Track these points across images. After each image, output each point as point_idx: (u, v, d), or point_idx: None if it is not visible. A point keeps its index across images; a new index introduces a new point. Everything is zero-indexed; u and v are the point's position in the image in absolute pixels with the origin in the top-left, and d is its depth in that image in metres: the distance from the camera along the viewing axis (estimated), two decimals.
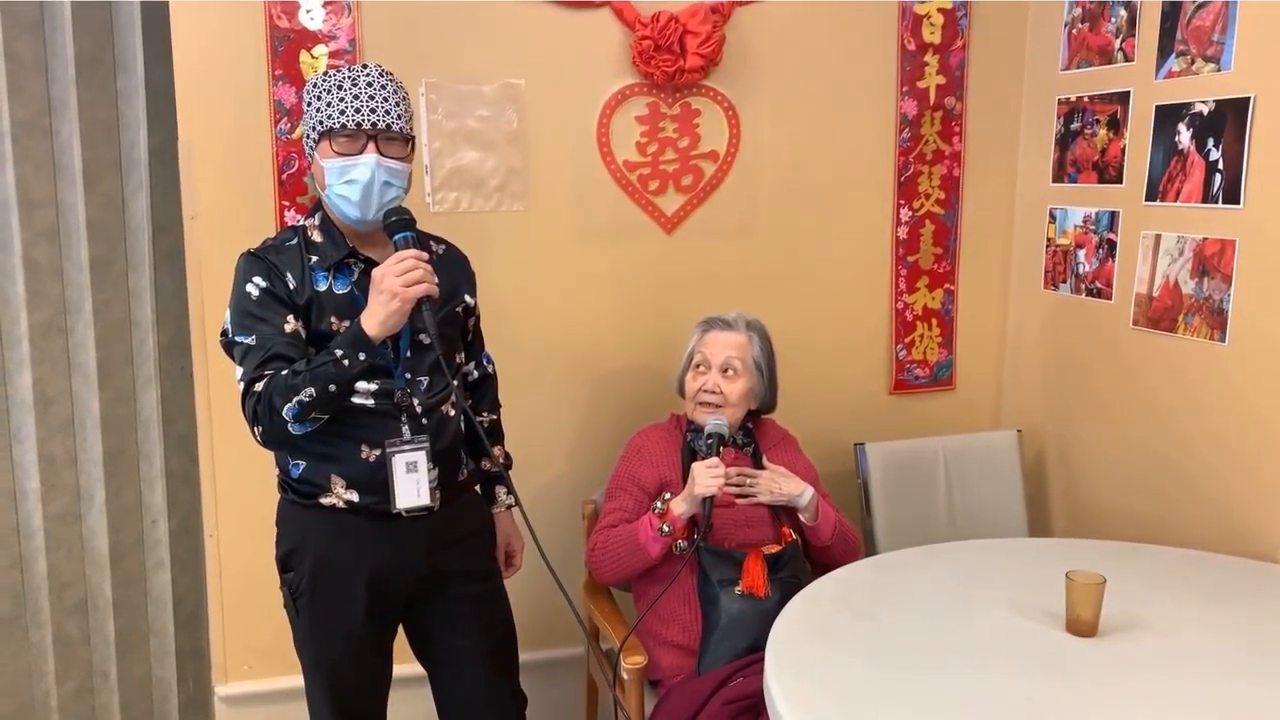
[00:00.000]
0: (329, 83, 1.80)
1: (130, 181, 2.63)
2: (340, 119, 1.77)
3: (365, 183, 1.78)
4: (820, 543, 2.26)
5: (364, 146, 1.79)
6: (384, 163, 1.79)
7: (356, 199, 1.80)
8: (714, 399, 2.24)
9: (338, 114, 1.77)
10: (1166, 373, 2.44)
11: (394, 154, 1.81)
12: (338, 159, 1.79)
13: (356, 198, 1.79)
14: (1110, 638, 1.77)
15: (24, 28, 2.48)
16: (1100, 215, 2.61)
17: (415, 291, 1.73)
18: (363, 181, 1.78)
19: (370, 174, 1.78)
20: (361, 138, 1.78)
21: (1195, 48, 2.31)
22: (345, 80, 1.79)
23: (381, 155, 1.79)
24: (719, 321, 2.32)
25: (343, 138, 1.78)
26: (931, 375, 2.95)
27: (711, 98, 2.66)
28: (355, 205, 1.80)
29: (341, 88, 1.78)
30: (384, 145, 1.80)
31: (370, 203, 1.80)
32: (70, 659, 2.75)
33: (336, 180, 1.80)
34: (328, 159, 1.80)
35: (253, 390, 1.76)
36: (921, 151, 2.83)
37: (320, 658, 1.93)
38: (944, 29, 2.78)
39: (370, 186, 1.79)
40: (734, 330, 2.29)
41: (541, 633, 2.62)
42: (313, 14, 2.39)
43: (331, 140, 1.79)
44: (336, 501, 1.85)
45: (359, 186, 1.78)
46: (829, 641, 1.80)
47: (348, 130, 1.77)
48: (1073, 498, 2.79)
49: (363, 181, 1.78)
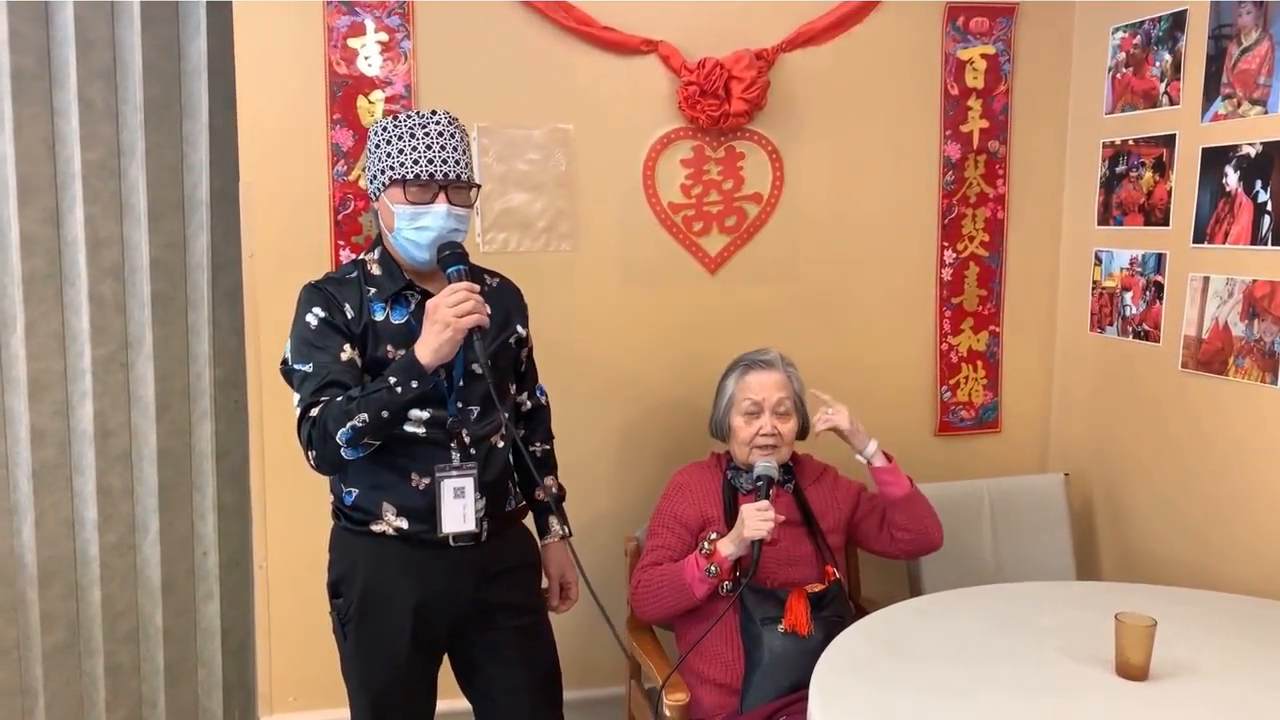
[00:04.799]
0: (400, 129, 1.86)
1: (192, 222, 2.72)
2: (414, 169, 1.83)
3: (437, 230, 1.85)
4: (902, 490, 2.26)
5: (435, 196, 1.85)
6: (454, 211, 1.86)
7: (427, 243, 1.86)
8: (774, 441, 2.24)
9: (411, 163, 1.83)
10: (1216, 416, 2.41)
11: (461, 201, 1.88)
12: (409, 206, 1.85)
13: (427, 242, 1.86)
14: (1160, 682, 1.74)
15: (97, 75, 2.59)
16: (1147, 257, 2.60)
17: (467, 322, 1.77)
18: (435, 229, 1.85)
19: (441, 223, 1.85)
20: (434, 187, 1.84)
21: (1242, 91, 2.31)
22: (416, 128, 1.85)
23: (451, 204, 1.85)
24: (758, 362, 2.32)
25: (416, 187, 1.84)
26: (977, 418, 2.94)
27: (756, 141, 2.70)
28: (424, 249, 1.86)
29: (414, 135, 1.84)
30: (453, 194, 1.86)
31: (438, 246, 1.86)
32: (121, 688, 2.79)
33: (407, 225, 1.85)
34: (399, 204, 1.85)
35: (308, 416, 1.80)
36: (965, 194, 2.84)
37: (366, 684, 1.95)
38: (987, 74, 2.81)
39: (441, 233, 1.85)
40: (775, 370, 2.30)
41: (582, 671, 2.62)
42: (370, 60, 2.48)
43: (405, 188, 1.84)
44: (387, 529, 1.89)
45: (430, 233, 1.85)
46: (873, 681, 1.79)
47: (421, 180, 1.83)
48: (1122, 542, 2.75)
49: (435, 229, 1.85)
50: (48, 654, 2.71)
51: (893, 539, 2.31)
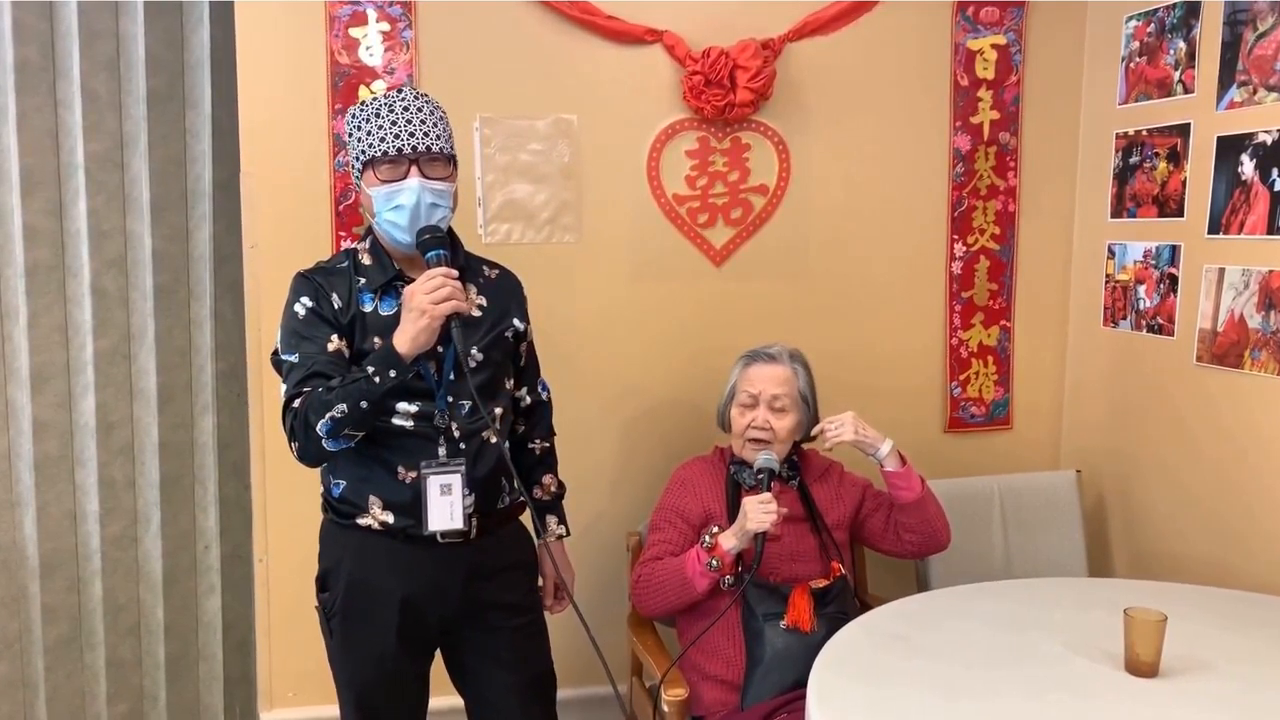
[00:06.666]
0: (367, 112, 1.83)
1: (195, 214, 2.72)
2: (381, 146, 1.79)
3: (412, 206, 1.80)
4: (913, 494, 2.20)
5: (407, 171, 1.81)
6: (428, 184, 1.81)
7: (405, 223, 1.82)
8: (763, 435, 2.21)
9: (378, 142, 1.80)
10: (1232, 410, 2.35)
11: (437, 175, 1.83)
12: (383, 186, 1.81)
13: (405, 222, 1.82)
14: (1171, 679, 1.70)
15: (101, 66, 2.59)
16: (1161, 250, 2.55)
17: (444, 309, 1.73)
18: (409, 206, 1.80)
19: (416, 197, 1.80)
20: (404, 163, 1.81)
21: (1257, 77, 2.26)
22: (383, 108, 1.82)
23: (425, 177, 1.81)
24: (762, 355, 2.28)
25: (385, 165, 1.81)
26: (987, 414, 2.89)
27: (761, 132, 2.67)
28: (405, 230, 1.83)
29: (379, 115, 1.81)
30: (426, 167, 1.82)
31: (419, 224, 1.82)
32: (122, 682, 2.78)
33: (384, 207, 1.82)
34: (374, 187, 1.82)
35: (291, 406, 1.78)
36: (976, 187, 2.80)
37: (351, 679, 1.92)
38: (997, 65, 2.76)
39: (417, 209, 1.81)
40: (778, 364, 2.26)
41: (582, 669, 2.57)
42: (372, 50, 2.46)
43: (375, 169, 1.81)
44: (373, 523, 1.85)
45: (406, 211, 1.81)
46: (875, 678, 1.74)
47: (389, 157, 1.80)
48: (1135, 541, 2.69)
49: (409, 206, 1.80)
50: (49, 648, 2.70)
51: (899, 539, 2.27)
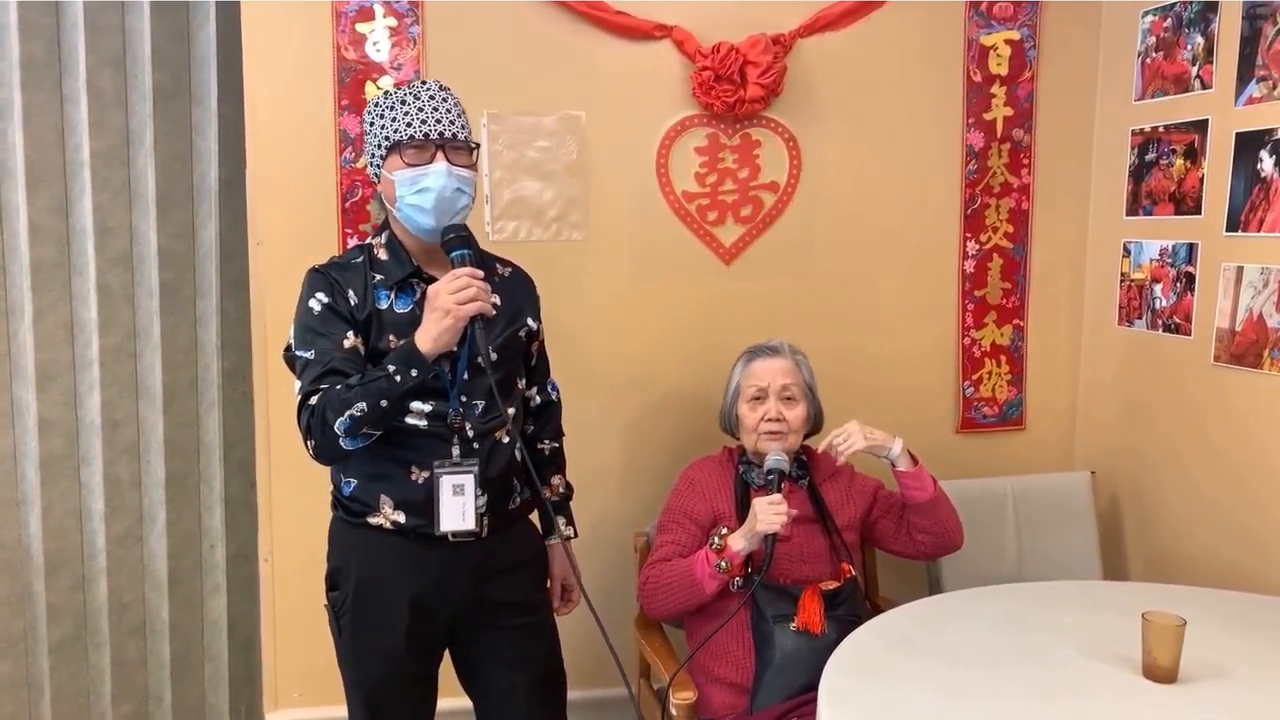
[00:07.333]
0: (391, 99, 1.83)
1: (200, 211, 2.70)
2: (408, 130, 1.79)
3: (438, 190, 1.79)
4: (925, 494, 2.17)
5: (433, 156, 1.80)
6: (454, 170, 1.80)
7: (430, 207, 1.80)
8: (779, 426, 2.18)
9: (404, 126, 1.79)
10: (1250, 411, 2.31)
11: (461, 162, 1.83)
12: (408, 170, 1.80)
13: (430, 205, 1.80)
14: (1189, 685, 1.66)
15: (106, 62, 2.58)
16: (1177, 248, 2.51)
17: (468, 309, 1.72)
18: (435, 189, 1.79)
19: (442, 181, 1.79)
20: (430, 148, 1.80)
21: (1277, 72, 2.22)
22: (408, 95, 1.82)
23: (451, 164, 1.80)
24: (764, 349, 2.27)
25: (412, 149, 1.80)
26: (1000, 414, 2.85)
27: (772, 128, 2.64)
28: (429, 214, 1.81)
29: (405, 102, 1.81)
30: (451, 154, 1.81)
31: (443, 210, 1.81)
32: (127, 682, 2.77)
33: (408, 191, 1.80)
34: (398, 171, 1.81)
35: (308, 404, 1.76)
36: (989, 184, 2.76)
37: (360, 678, 1.90)
38: (1011, 60, 2.73)
39: (443, 194, 1.80)
40: (781, 356, 2.25)
41: (592, 670, 2.55)
42: (379, 46, 2.44)
43: (401, 152, 1.80)
44: (384, 522, 1.84)
45: (432, 195, 1.79)
46: (886, 681, 1.72)
47: (416, 141, 1.79)
48: (1150, 543, 2.65)
49: (435, 189, 1.79)
50: (54, 647, 2.69)
51: (912, 540, 2.24)
